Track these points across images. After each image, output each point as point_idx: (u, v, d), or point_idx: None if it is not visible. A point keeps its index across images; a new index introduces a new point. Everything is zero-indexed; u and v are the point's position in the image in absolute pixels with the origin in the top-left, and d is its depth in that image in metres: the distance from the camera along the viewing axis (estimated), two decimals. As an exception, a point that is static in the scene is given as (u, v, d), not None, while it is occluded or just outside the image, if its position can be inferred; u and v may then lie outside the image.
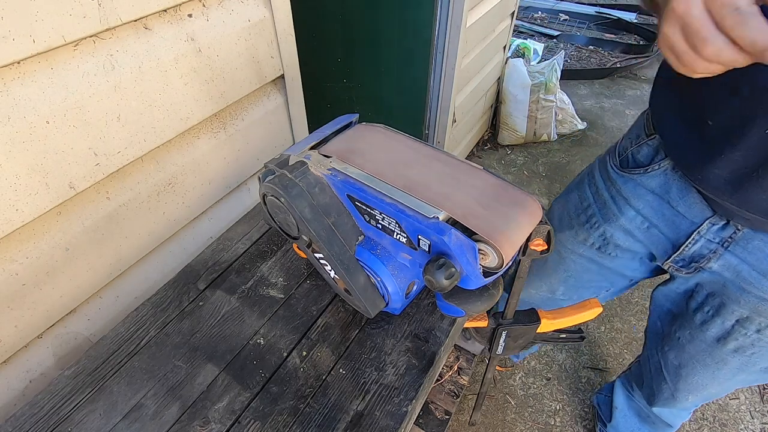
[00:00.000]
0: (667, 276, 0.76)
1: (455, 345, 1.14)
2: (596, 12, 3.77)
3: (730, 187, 0.55)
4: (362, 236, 0.59)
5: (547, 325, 0.64)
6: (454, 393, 1.02)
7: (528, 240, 0.50)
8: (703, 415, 1.38)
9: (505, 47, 2.20)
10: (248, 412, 0.58)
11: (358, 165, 0.56)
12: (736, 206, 0.56)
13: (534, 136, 2.41)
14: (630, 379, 1.05)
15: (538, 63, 2.50)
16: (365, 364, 0.63)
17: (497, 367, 1.50)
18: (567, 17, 3.76)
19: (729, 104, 0.52)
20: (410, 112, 1.83)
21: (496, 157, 2.38)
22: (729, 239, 0.62)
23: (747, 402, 1.42)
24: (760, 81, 0.47)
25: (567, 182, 2.23)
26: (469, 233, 0.48)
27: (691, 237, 0.65)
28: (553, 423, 1.37)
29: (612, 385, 1.17)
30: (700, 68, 0.36)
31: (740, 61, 0.33)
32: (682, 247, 0.67)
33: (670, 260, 0.70)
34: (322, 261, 0.60)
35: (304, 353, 0.64)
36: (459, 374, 1.06)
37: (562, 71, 2.37)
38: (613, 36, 3.56)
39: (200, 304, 0.70)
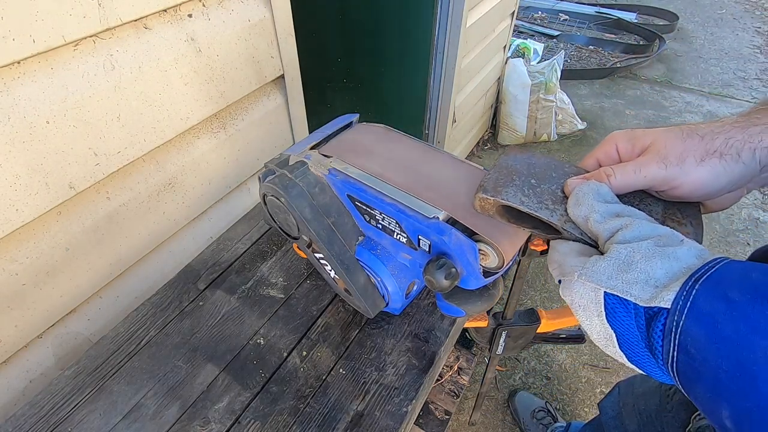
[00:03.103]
0: None
1: (455, 345, 1.13)
2: (596, 12, 3.77)
3: None
4: (362, 236, 0.59)
5: (547, 325, 0.64)
6: (454, 393, 1.02)
7: (528, 240, 0.50)
8: None
9: (505, 47, 2.20)
10: (248, 412, 0.57)
11: (359, 165, 0.56)
12: None
13: (534, 136, 2.41)
14: None
15: (538, 63, 2.50)
16: (365, 364, 0.63)
17: (497, 367, 1.50)
18: (567, 17, 3.76)
19: None
20: (410, 112, 1.83)
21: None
22: None
23: None
24: None
25: (567, 182, 2.22)
26: (469, 233, 0.48)
27: None
28: (553, 423, 1.36)
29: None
30: None
31: None
32: (693, 417, 0.60)
33: (687, 429, 0.64)
34: (322, 261, 0.60)
35: (304, 353, 0.64)
36: (459, 374, 1.06)
37: (562, 71, 2.36)
38: (613, 36, 3.56)
39: (200, 304, 0.70)
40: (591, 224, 0.35)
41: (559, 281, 0.36)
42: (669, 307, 0.28)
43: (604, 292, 0.31)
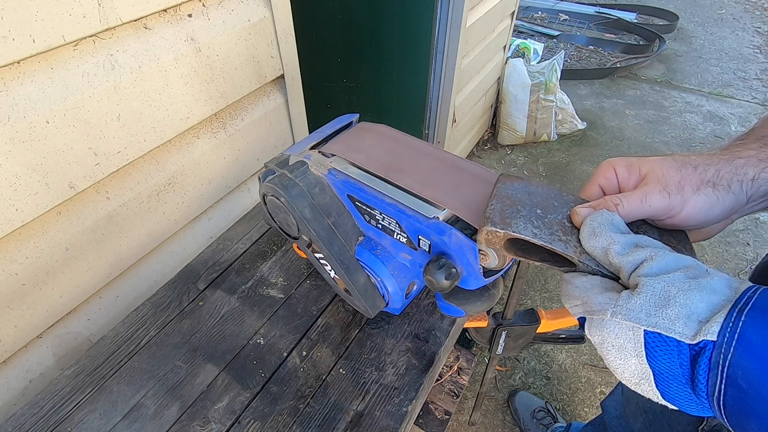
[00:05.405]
0: None
1: (455, 345, 1.13)
2: (596, 12, 3.77)
3: None
4: (362, 236, 0.59)
5: (547, 325, 0.64)
6: (454, 393, 1.02)
7: (528, 240, 0.50)
8: None
9: (505, 47, 2.20)
10: (248, 412, 0.57)
11: (359, 165, 0.56)
12: None
13: (534, 136, 2.41)
14: None
15: (538, 63, 2.50)
16: (365, 364, 0.63)
17: (497, 367, 1.50)
18: (567, 17, 3.76)
19: None
20: (410, 112, 1.83)
21: (496, 157, 2.38)
22: None
23: None
24: None
25: (567, 182, 2.23)
26: (469, 232, 0.48)
27: None
28: (553, 423, 1.36)
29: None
30: None
31: None
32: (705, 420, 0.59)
33: (700, 428, 0.63)
34: (322, 261, 0.60)
35: (304, 353, 0.64)
36: (459, 374, 1.06)
37: (562, 71, 2.36)
38: (613, 36, 3.56)
39: (200, 304, 0.70)
40: (612, 256, 0.34)
41: (581, 319, 0.34)
42: (715, 339, 0.27)
43: (644, 330, 0.30)
